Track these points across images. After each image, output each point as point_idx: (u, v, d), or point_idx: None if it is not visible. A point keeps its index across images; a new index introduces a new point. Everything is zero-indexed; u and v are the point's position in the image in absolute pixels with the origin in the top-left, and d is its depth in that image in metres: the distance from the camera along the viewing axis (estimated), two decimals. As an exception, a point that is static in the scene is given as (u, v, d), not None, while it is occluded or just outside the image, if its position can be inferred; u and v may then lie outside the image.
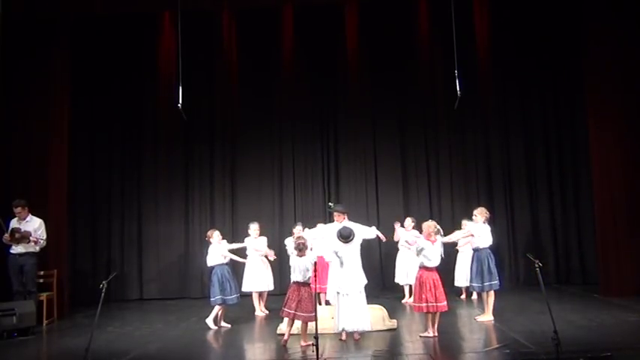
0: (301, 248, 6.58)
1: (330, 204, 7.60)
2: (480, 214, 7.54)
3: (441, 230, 6.84)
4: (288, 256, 8.73)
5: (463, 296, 9.17)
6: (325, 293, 8.48)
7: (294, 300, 6.39)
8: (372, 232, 7.42)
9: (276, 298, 8.81)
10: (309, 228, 8.92)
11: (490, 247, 7.49)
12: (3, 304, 7.58)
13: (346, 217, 7.26)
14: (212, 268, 7.66)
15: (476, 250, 7.53)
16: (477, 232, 7.45)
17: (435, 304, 6.47)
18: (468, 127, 10.86)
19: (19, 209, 7.93)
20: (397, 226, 8.99)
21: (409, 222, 9.09)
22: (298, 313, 6.37)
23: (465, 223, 8.88)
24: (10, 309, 7.46)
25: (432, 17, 10.55)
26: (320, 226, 8.74)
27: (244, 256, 8.62)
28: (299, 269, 6.48)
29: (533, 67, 10.71)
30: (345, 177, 10.87)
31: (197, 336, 7.32)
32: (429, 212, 10.47)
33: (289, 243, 8.65)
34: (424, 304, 6.51)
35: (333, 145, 10.94)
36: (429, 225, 6.78)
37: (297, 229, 8.69)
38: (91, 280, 10.33)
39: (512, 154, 10.75)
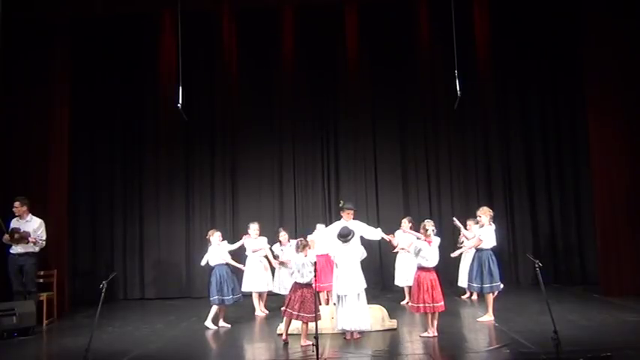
0: (299, 246, 6.58)
1: (341, 202, 7.62)
2: (484, 214, 7.51)
3: (435, 229, 6.80)
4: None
5: (465, 296, 9.15)
6: (325, 292, 8.50)
7: (297, 301, 6.38)
8: (377, 234, 7.40)
9: (276, 298, 8.83)
10: (307, 227, 8.97)
11: (492, 248, 7.49)
12: (3, 304, 7.59)
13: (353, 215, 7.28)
14: (212, 268, 7.69)
15: (478, 251, 7.52)
16: (484, 236, 7.43)
17: (432, 304, 6.48)
18: (468, 127, 10.86)
19: (17, 204, 7.94)
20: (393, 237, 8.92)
21: (406, 223, 9.06)
22: (301, 314, 6.36)
23: (469, 224, 8.85)
24: (10, 309, 7.46)
25: (432, 17, 10.53)
26: (320, 227, 8.77)
27: (244, 256, 8.63)
28: (296, 267, 6.49)
29: (533, 66, 10.71)
30: (345, 177, 10.87)
31: (197, 336, 7.32)
32: (429, 212, 10.48)
33: (276, 250, 8.68)
34: (421, 305, 6.51)
35: (333, 145, 10.94)
36: (424, 225, 6.79)
37: (283, 236, 8.75)
38: (91, 280, 10.32)
39: (512, 154, 10.75)
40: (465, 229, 8.94)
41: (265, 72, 10.91)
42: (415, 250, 6.63)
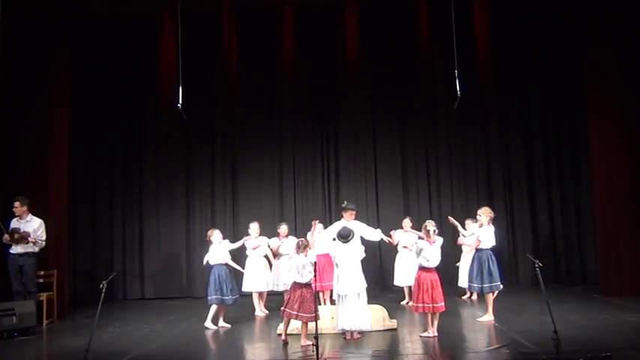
0: (299, 246, 6.58)
1: (344, 202, 7.64)
2: (485, 214, 7.52)
3: (436, 230, 6.80)
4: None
5: (465, 296, 9.14)
6: (324, 292, 8.51)
7: (297, 301, 6.38)
8: (377, 235, 7.42)
9: (276, 298, 8.82)
10: (307, 227, 8.94)
11: (492, 248, 7.49)
12: (3, 304, 7.58)
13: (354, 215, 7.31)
14: (211, 267, 7.69)
15: (477, 251, 7.52)
16: (482, 236, 7.44)
17: (431, 304, 6.47)
18: (468, 127, 10.87)
19: (17, 204, 7.93)
20: (393, 232, 8.91)
21: (407, 222, 9.06)
22: (301, 314, 6.36)
23: (468, 223, 8.86)
24: (10, 309, 7.45)
25: (432, 17, 10.53)
26: (318, 227, 8.78)
27: (244, 256, 8.63)
28: (296, 267, 6.49)
29: (533, 66, 10.71)
30: (345, 177, 10.88)
31: (197, 336, 7.32)
32: (429, 212, 10.49)
33: (275, 244, 8.67)
34: (420, 305, 6.52)
35: (333, 145, 10.95)
36: (425, 225, 6.79)
37: (283, 229, 8.74)
38: (91, 280, 10.33)
39: (512, 154, 10.75)
40: (464, 228, 8.98)
41: (265, 72, 10.92)
42: (417, 249, 6.63)
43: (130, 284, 10.70)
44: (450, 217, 8.15)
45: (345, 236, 6.71)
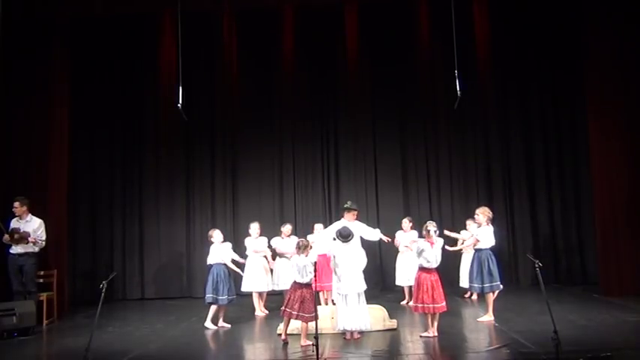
0: (300, 246, 6.58)
1: (348, 202, 7.65)
2: (483, 214, 7.52)
3: (437, 231, 6.79)
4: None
5: (466, 296, 9.14)
6: (324, 292, 8.51)
7: (297, 301, 6.38)
8: (375, 235, 7.45)
9: (276, 298, 8.82)
10: (307, 227, 8.97)
11: (491, 248, 7.49)
12: (3, 304, 7.58)
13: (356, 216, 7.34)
14: (210, 266, 7.69)
15: (477, 251, 7.53)
16: (481, 236, 7.44)
17: (431, 305, 6.47)
18: (468, 127, 10.87)
19: (17, 204, 7.93)
20: (396, 241, 8.93)
21: (407, 222, 9.06)
22: (301, 314, 6.37)
23: (468, 223, 8.86)
24: (10, 309, 7.45)
25: (432, 17, 10.54)
26: (318, 226, 8.79)
27: (244, 256, 8.63)
28: (297, 268, 6.49)
29: (533, 67, 10.71)
30: (345, 177, 10.88)
31: (197, 336, 7.32)
32: (429, 212, 10.50)
33: (277, 243, 8.67)
34: (420, 305, 6.52)
35: (333, 145, 10.95)
36: (426, 226, 6.79)
37: (286, 229, 8.76)
38: (91, 280, 10.33)
39: (512, 154, 10.75)
40: (465, 229, 8.99)
41: (265, 72, 10.92)
42: (418, 249, 6.63)
43: (130, 284, 10.70)
44: (446, 232, 8.12)
45: (345, 236, 6.72)
